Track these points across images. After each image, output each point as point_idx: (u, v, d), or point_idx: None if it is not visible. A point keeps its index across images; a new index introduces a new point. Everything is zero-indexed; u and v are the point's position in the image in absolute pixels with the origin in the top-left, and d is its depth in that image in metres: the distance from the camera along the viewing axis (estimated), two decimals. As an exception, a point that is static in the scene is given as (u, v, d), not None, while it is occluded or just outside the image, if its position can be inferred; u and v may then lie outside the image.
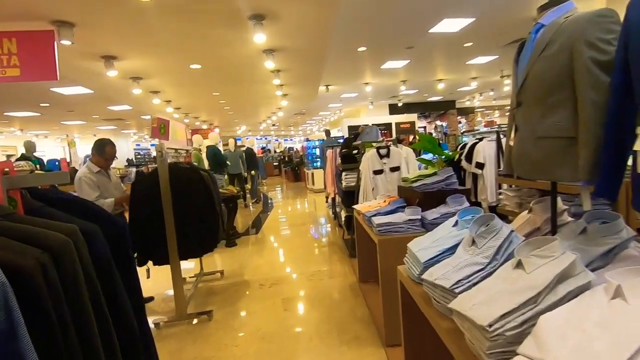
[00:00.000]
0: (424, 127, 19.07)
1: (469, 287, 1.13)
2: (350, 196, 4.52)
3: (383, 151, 4.05)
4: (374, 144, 4.27)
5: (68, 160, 10.10)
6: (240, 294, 3.71)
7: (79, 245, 0.96)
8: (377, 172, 4.07)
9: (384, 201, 3.09)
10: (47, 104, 8.85)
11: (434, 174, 2.84)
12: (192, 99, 9.55)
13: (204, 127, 14.68)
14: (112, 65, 5.21)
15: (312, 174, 11.78)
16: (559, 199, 1.47)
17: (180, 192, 2.98)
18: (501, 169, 3.58)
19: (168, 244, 2.95)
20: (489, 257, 1.19)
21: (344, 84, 9.95)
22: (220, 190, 5.54)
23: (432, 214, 2.37)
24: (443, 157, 2.94)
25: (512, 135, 1.43)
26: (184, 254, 3.04)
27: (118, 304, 1.08)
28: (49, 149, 16.99)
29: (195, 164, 6.68)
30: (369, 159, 4.06)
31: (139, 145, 25.69)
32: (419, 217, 2.46)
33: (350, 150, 4.56)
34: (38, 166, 6.76)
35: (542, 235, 1.47)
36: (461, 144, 4.83)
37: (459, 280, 1.16)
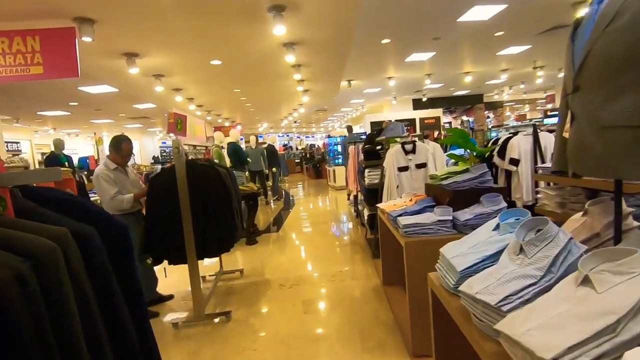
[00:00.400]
0: (449, 123, 18.52)
1: (519, 305, 0.95)
2: (373, 194, 4.34)
3: (408, 147, 3.85)
4: (398, 139, 4.07)
5: (96, 157, 10.40)
6: (259, 294, 3.62)
7: (69, 251, 0.85)
8: (402, 169, 3.87)
9: (410, 200, 2.90)
10: (76, 103, 9.10)
11: (466, 170, 2.63)
12: (214, 96, 9.60)
13: (226, 124, 14.79)
14: (134, 63, 5.23)
15: (334, 170, 11.62)
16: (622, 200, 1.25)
17: (197, 189, 2.90)
18: (539, 165, 3.30)
19: (185, 242, 2.88)
20: (542, 268, 1.00)
21: (367, 78, 9.72)
22: (240, 187, 5.48)
23: (464, 215, 2.17)
24: (475, 152, 2.71)
25: (567, 125, 1.22)
26: (200, 253, 2.96)
27: (114, 314, 0.97)
28: (80, 146, 17.63)
29: (217, 161, 6.67)
30: (393, 155, 3.87)
31: (165, 142, 26.28)
32: (450, 217, 2.26)
33: (373, 146, 4.37)
34: (67, 163, 6.94)
35: (602, 243, 1.27)
36: (492, 139, 4.55)
37: (507, 296, 0.98)
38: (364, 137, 9.69)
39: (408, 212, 2.56)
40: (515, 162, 3.63)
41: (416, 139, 4.02)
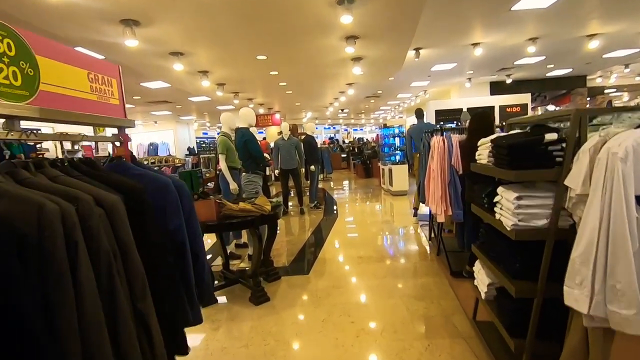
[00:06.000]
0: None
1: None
2: (529, 250, 1.77)
3: (690, 135, 1.25)
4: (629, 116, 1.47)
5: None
6: None
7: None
8: (655, 202, 1.29)
9: None
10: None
11: None
12: (232, 68, 7.18)
13: (261, 111, 12.61)
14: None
15: (390, 170, 9.00)
16: None
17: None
18: None
19: None
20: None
21: (444, 44, 6.96)
22: (243, 205, 3.14)
23: None
24: None
25: None
26: None
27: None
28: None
29: (221, 157, 4.41)
30: (621, 160, 1.29)
31: (206, 133, 24.95)
32: None
33: (535, 137, 1.76)
34: (22, 155, 5.18)
35: None
36: None
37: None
38: (451, 126, 6.99)
39: None
40: None
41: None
